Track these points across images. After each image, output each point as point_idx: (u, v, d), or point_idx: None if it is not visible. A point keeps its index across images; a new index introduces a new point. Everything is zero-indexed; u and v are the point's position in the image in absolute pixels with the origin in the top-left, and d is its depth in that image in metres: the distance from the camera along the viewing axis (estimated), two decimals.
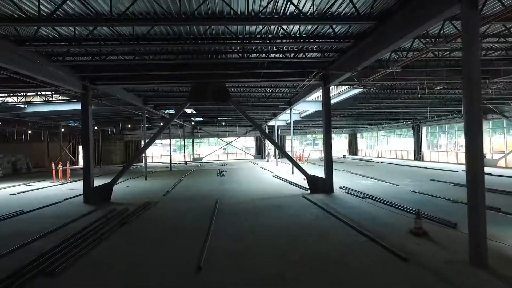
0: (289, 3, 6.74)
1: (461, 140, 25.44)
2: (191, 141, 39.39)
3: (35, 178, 20.46)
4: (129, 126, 31.47)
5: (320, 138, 44.95)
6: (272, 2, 6.70)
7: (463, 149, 24.41)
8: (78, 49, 8.94)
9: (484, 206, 4.89)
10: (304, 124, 33.55)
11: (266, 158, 36.21)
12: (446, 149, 27.05)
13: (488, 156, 21.60)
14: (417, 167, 22.21)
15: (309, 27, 8.25)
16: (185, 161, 34.56)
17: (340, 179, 16.12)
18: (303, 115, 27.02)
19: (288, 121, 30.06)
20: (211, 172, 22.84)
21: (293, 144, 23.96)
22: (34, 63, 8.70)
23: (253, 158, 39.15)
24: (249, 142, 41.41)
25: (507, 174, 16.56)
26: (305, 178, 13.17)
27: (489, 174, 17.01)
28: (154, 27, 7.70)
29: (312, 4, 6.94)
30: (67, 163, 22.31)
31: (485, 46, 9.72)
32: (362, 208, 9.39)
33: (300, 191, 12.86)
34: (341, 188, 13.15)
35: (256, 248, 6.12)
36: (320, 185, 12.42)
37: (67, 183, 17.99)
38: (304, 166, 23.27)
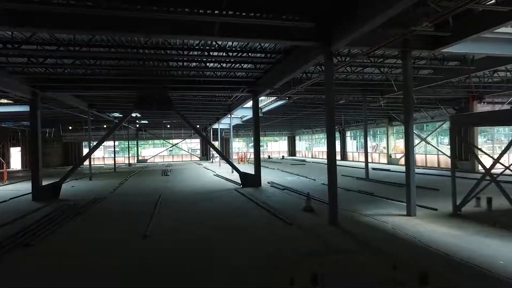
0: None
1: (383, 143, 30.30)
2: (135, 143, 39.60)
3: None
4: (70, 127, 31.02)
5: (264, 140, 48.53)
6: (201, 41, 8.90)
7: (385, 150, 29.18)
8: (35, 65, 10.14)
9: (335, 185, 7.65)
10: (247, 128, 36.21)
11: (211, 159, 38.05)
12: (358, 151, 31.75)
13: (392, 156, 26.32)
14: (338, 166, 25.97)
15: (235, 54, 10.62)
16: (129, 162, 34.85)
17: (271, 176, 18.86)
18: (244, 119, 29.55)
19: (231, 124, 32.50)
20: (156, 173, 24.13)
21: (232, 146, 26.24)
22: None
23: (199, 159, 40.66)
24: (195, 143, 42.85)
25: (402, 170, 20.80)
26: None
27: (388, 170, 21.23)
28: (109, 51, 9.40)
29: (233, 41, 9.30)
30: (4, 165, 21.83)
31: (369, 72, 13.04)
32: (278, 196, 12.01)
33: (234, 186, 15.18)
34: (269, 183, 15.77)
35: (191, 223, 8.22)
36: (250, 181, 14.87)
37: (5, 185, 17.97)
38: (245, 166, 25.88)
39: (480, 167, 11.20)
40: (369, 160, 29.34)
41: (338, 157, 35.15)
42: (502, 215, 7.76)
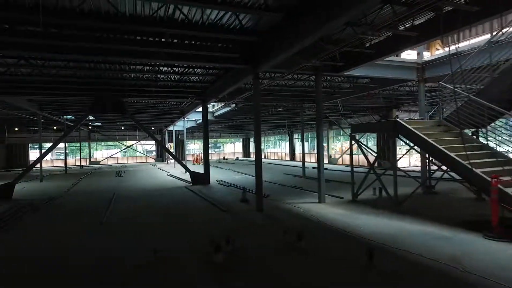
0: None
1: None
2: (87, 144, 38.96)
3: None
4: (16, 129, 30.05)
5: (220, 142, 50.26)
6: None
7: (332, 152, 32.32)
8: None
9: (261, 179, 9.64)
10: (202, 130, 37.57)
11: (167, 160, 38.73)
12: (310, 152, 34.83)
13: (332, 156, 29.47)
14: (285, 165, 28.57)
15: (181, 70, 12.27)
16: (81, 164, 34.44)
17: (222, 175, 20.62)
18: (198, 122, 30.91)
19: (186, 127, 33.68)
20: (109, 174, 24.66)
21: (185, 148, 27.63)
22: None
23: (154, 161, 41.05)
24: (150, 145, 43.10)
25: (337, 169, 23.75)
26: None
27: (326, 169, 24.00)
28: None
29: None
30: None
31: (300, 85, 15.38)
32: (223, 192, 13.82)
33: (185, 184, 16.69)
34: (217, 181, 17.51)
35: (141, 214, 9.69)
36: (200, 179, 16.50)
37: None
38: (200, 166, 27.25)
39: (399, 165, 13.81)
40: (314, 160, 32.62)
41: (287, 157, 38.10)
42: (385, 200, 10.31)
